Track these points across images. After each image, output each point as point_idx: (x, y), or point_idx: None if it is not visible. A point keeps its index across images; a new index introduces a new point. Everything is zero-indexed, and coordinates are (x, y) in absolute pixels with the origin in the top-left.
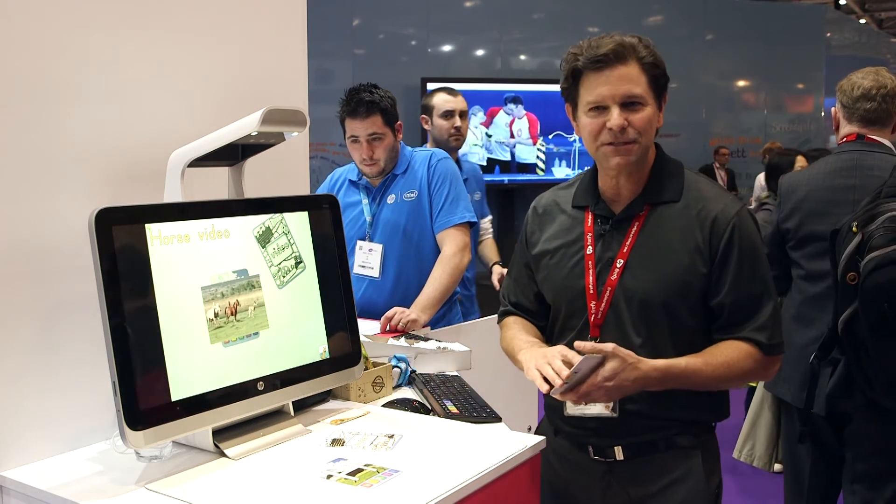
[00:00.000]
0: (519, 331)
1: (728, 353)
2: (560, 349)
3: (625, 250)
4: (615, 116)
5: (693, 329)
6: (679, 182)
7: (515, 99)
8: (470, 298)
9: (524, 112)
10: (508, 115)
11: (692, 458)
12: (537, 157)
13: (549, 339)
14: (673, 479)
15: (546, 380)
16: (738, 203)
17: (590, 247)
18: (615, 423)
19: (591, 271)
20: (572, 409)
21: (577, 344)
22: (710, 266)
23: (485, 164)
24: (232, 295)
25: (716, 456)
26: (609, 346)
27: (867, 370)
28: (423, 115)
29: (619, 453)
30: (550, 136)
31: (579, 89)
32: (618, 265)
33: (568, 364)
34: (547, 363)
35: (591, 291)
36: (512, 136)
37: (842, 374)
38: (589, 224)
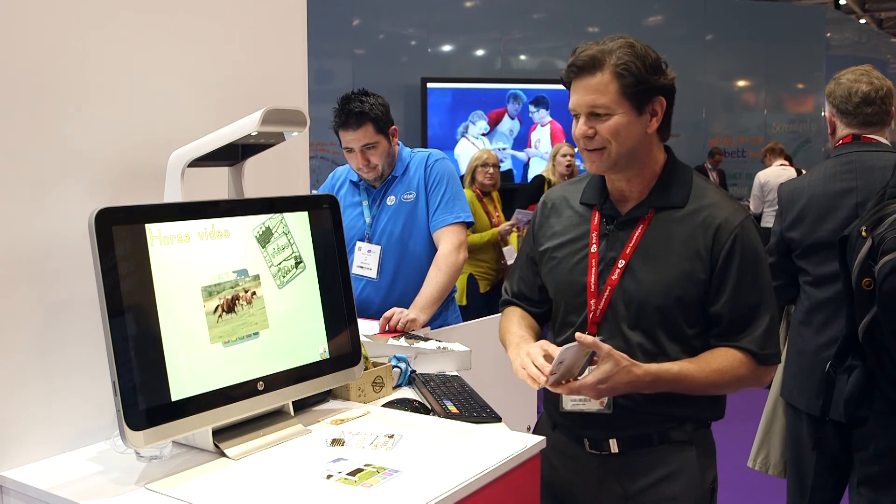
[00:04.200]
0: (513, 323)
1: (721, 360)
2: (542, 344)
3: (627, 251)
4: (580, 125)
5: (688, 333)
6: (686, 188)
7: (539, 100)
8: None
9: (549, 119)
10: (512, 118)
11: (686, 451)
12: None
13: (553, 334)
14: (667, 472)
15: (534, 377)
16: (743, 212)
17: (594, 245)
18: (610, 417)
19: (593, 269)
20: (568, 404)
21: (577, 335)
22: (710, 274)
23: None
24: (232, 295)
25: (711, 451)
26: (605, 348)
27: (893, 374)
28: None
29: (613, 446)
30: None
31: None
32: (619, 265)
33: (549, 358)
34: (530, 361)
35: (593, 289)
36: (530, 144)
37: (860, 378)
38: (595, 222)
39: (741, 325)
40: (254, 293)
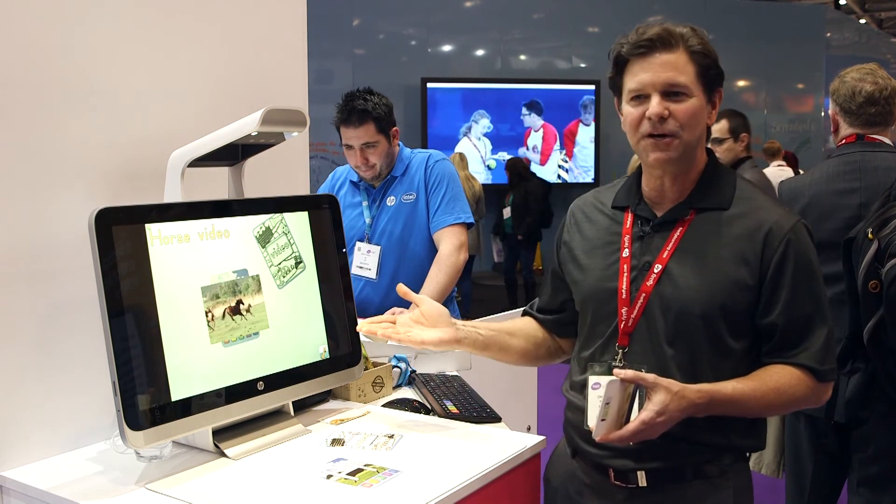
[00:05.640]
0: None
1: (778, 377)
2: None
3: (665, 255)
4: (654, 104)
5: (733, 347)
6: (730, 190)
7: (531, 105)
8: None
9: (541, 122)
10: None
11: (723, 489)
12: (558, 175)
13: (578, 348)
14: None
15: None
16: (794, 216)
17: (626, 249)
18: (640, 446)
19: (625, 275)
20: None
21: (616, 371)
22: (760, 282)
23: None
24: (232, 295)
25: (748, 487)
26: (650, 377)
27: None
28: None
29: (641, 479)
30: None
31: (623, 78)
32: (655, 270)
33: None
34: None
35: (624, 297)
36: (527, 146)
37: (862, 381)
38: (628, 225)
39: (797, 338)
40: (254, 293)
